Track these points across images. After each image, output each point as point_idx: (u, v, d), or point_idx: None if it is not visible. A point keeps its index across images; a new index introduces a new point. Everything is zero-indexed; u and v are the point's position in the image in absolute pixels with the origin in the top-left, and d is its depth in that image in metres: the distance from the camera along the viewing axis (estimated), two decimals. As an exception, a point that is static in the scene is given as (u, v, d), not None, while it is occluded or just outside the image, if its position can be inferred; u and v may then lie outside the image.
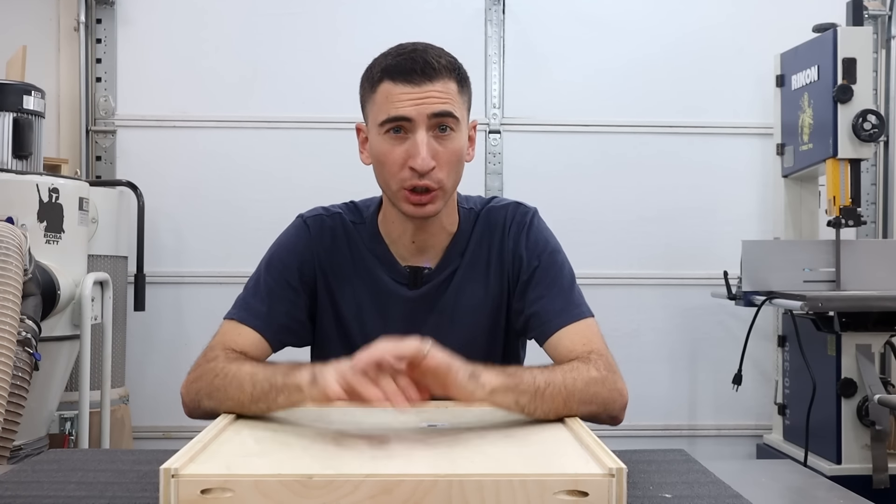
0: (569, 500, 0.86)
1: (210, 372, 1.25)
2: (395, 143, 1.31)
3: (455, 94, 1.33)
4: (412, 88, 1.29)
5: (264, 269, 1.42)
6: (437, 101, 1.30)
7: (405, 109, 1.29)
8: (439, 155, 1.31)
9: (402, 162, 1.30)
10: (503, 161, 3.16)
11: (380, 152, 1.33)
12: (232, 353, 1.30)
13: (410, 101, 1.29)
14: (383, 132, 1.32)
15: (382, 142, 1.32)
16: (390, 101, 1.30)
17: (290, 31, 3.15)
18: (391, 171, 1.32)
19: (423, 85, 1.29)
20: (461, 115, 1.34)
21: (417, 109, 1.29)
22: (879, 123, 2.62)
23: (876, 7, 3.26)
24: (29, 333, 2.03)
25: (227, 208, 3.12)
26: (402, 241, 1.42)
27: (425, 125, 1.29)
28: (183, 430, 2.13)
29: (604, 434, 1.03)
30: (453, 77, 1.33)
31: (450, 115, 1.31)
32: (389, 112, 1.30)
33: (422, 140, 1.29)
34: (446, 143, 1.32)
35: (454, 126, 1.32)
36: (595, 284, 2.99)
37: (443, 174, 1.32)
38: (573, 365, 1.23)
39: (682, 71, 3.22)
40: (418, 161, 1.28)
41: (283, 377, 1.16)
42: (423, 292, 1.42)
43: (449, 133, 1.32)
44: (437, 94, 1.30)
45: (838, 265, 2.77)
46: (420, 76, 1.29)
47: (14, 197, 2.27)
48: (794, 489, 1.24)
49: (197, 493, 0.85)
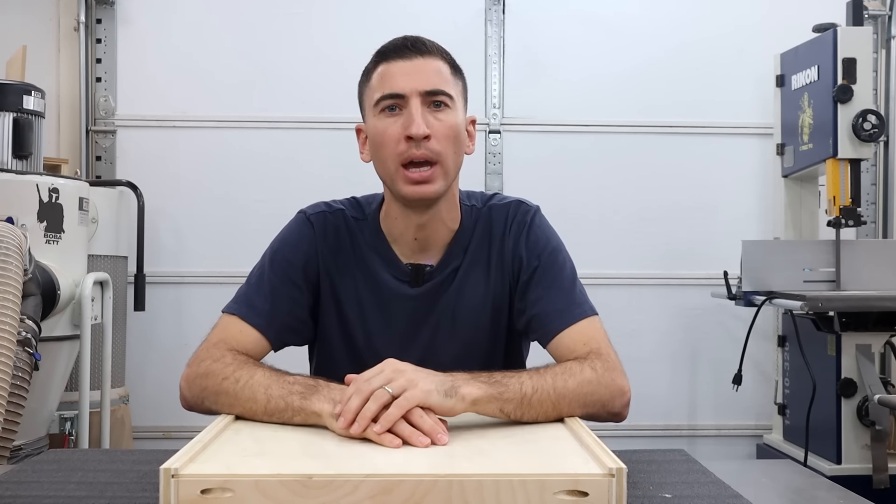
0: (569, 500, 0.86)
1: (218, 374, 1.23)
2: (390, 121, 1.33)
3: (448, 76, 1.36)
4: (404, 63, 1.33)
5: (268, 264, 1.42)
6: (429, 78, 1.33)
7: (398, 85, 1.32)
8: (434, 126, 1.32)
9: (397, 136, 1.32)
10: (503, 161, 3.16)
11: (377, 132, 1.34)
12: (239, 355, 1.29)
13: (403, 76, 1.32)
14: (378, 112, 1.34)
15: (378, 122, 1.34)
16: (384, 79, 1.33)
17: (290, 31, 3.15)
18: (389, 148, 1.33)
19: (413, 59, 1.33)
20: (455, 95, 1.36)
21: (410, 84, 1.32)
22: (879, 123, 2.62)
23: (876, 7, 3.26)
24: (29, 333, 2.03)
25: (227, 208, 3.12)
26: (404, 238, 1.42)
27: (419, 99, 1.32)
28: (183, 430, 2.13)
29: (604, 434, 1.03)
30: (445, 60, 1.37)
31: (443, 92, 1.33)
32: (384, 89, 1.33)
33: (416, 109, 1.31)
34: (441, 116, 1.33)
35: (448, 103, 1.34)
36: (595, 284, 2.97)
37: (440, 147, 1.32)
38: (567, 366, 1.23)
39: (682, 71, 3.22)
40: (412, 127, 1.30)
41: (301, 400, 1.15)
42: (425, 290, 1.42)
43: (444, 108, 1.34)
44: (429, 71, 1.33)
45: (838, 265, 2.77)
46: (411, 51, 1.33)
47: (14, 197, 2.27)
48: (794, 489, 1.23)
49: (197, 493, 0.85)
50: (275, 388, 1.18)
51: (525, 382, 1.16)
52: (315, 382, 1.17)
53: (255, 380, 1.20)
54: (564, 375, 1.20)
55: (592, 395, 1.20)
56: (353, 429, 1.05)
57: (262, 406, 1.17)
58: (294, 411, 1.14)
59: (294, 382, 1.18)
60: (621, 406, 1.25)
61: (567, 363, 1.24)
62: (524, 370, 1.22)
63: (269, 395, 1.17)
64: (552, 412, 1.16)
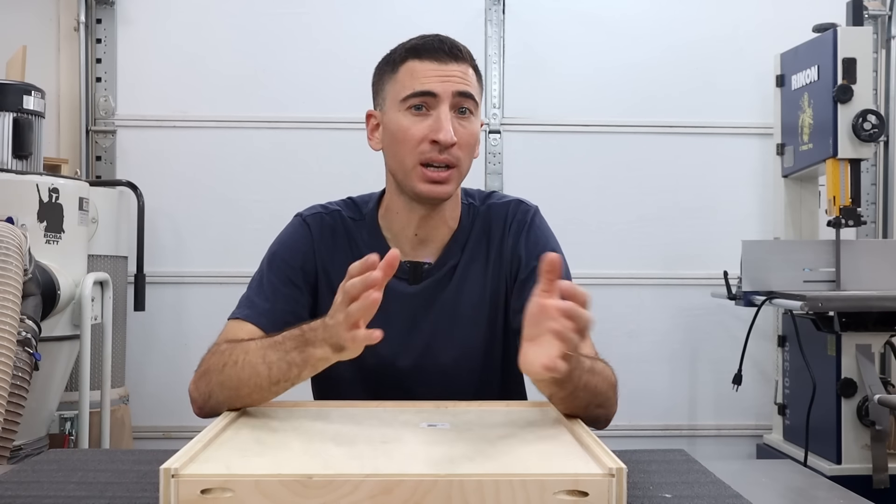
0: (569, 500, 0.86)
1: (217, 364, 1.24)
2: (416, 119, 1.34)
3: (474, 83, 1.38)
4: (438, 66, 1.33)
5: (266, 266, 1.42)
6: (461, 82, 1.34)
7: (431, 84, 1.32)
8: (459, 134, 1.33)
9: (422, 136, 1.33)
10: (503, 161, 3.16)
11: (399, 129, 1.35)
12: (233, 341, 1.28)
13: (437, 76, 1.33)
14: (405, 108, 1.34)
15: (402, 118, 1.34)
16: (415, 76, 1.33)
17: (290, 31, 3.15)
18: (410, 146, 1.33)
19: (448, 63, 1.34)
20: (479, 102, 1.38)
21: (443, 86, 1.32)
22: (879, 123, 2.62)
23: (876, 7, 3.26)
24: (29, 333, 2.03)
25: (227, 208, 3.12)
26: (404, 233, 1.42)
27: (449, 102, 1.33)
28: (183, 430, 2.13)
29: (604, 434, 1.03)
30: (473, 66, 1.38)
31: (471, 97, 1.35)
32: (415, 87, 1.33)
33: (445, 115, 1.32)
34: (466, 124, 1.35)
35: (473, 110, 1.36)
36: (595, 284, 3.00)
37: (461, 153, 1.34)
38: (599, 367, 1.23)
39: (682, 71, 3.21)
40: (441, 134, 1.31)
41: (299, 355, 1.15)
42: (423, 288, 1.42)
43: (468, 115, 1.36)
44: (460, 75, 1.34)
45: (838, 265, 2.77)
46: (447, 56, 1.34)
47: (14, 197, 2.27)
48: (794, 489, 1.23)
49: (197, 493, 0.85)
50: (271, 354, 1.18)
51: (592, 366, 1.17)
52: (300, 331, 1.16)
53: (250, 355, 1.20)
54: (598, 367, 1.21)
55: (605, 393, 1.22)
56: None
57: (265, 378, 1.17)
58: (299, 368, 1.15)
59: (284, 341, 1.17)
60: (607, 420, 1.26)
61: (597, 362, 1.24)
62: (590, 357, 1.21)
63: (268, 363, 1.17)
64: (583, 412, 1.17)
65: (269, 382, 1.17)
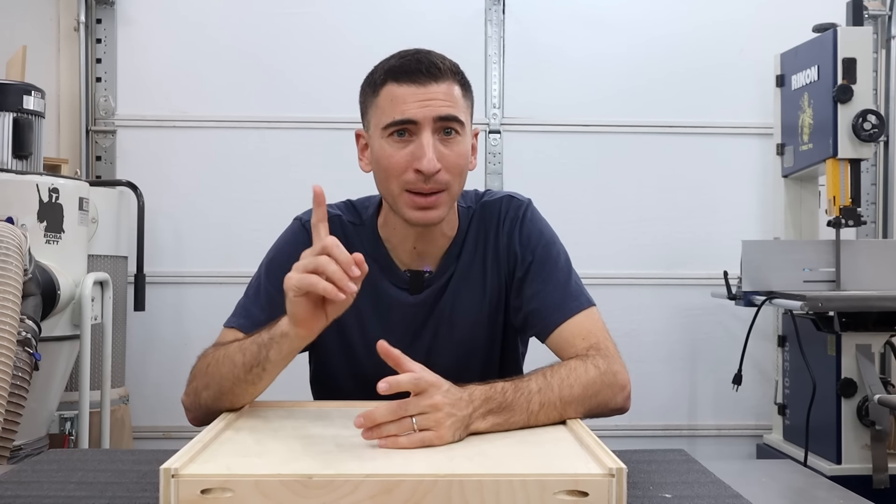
0: (569, 500, 0.87)
1: (202, 367, 1.25)
2: (398, 147, 1.29)
3: (459, 99, 1.31)
4: (417, 89, 1.27)
5: (264, 274, 1.40)
6: (443, 104, 1.28)
7: (410, 112, 1.26)
8: (445, 158, 1.28)
9: (405, 165, 1.28)
10: (503, 161, 3.16)
11: (382, 156, 1.30)
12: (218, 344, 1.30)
13: (416, 102, 1.27)
14: (387, 136, 1.29)
15: (385, 145, 1.30)
16: (394, 103, 1.28)
17: (290, 31, 3.15)
18: (394, 174, 1.29)
19: (428, 85, 1.27)
20: (465, 119, 1.32)
21: (423, 112, 1.26)
22: (879, 123, 2.62)
23: (876, 7, 3.26)
24: (29, 333, 2.02)
25: (227, 208, 3.12)
26: (402, 246, 1.41)
27: (431, 127, 1.27)
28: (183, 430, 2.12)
29: (604, 434, 1.03)
30: (457, 81, 1.32)
31: (455, 118, 1.29)
32: (394, 115, 1.27)
33: (427, 142, 1.27)
34: (451, 146, 1.30)
35: (459, 130, 1.30)
36: (595, 284, 2.96)
37: (448, 177, 1.29)
38: (571, 368, 1.21)
39: (683, 71, 3.21)
40: (424, 162, 1.26)
41: (267, 332, 1.17)
42: (424, 297, 1.41)
43: (454, 136, 1.30)
44: (442, 97, 1.28)
45: (838, 265, 2.77)
46: (425, 76, 1.27)
47: (14, 197, 2.27)
48: (794, 489, 1.24)
49: (197, 493, 0.85)
50: (246, 342, 1.20)
51: (533, 399, 1.14)
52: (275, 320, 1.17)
53: (230, 349, 1.22)
54: (570, 379, 1.18)
55: (596, 396, 1.21)
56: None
57: (240, 364, 1.18)
58: (266, 347, 1.16)
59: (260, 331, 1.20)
60: (623, 401, 1.25)
61: (570, 363, 1.23)
62: (533, 377, 1.18)
63: (242, 349, 1.19)
64: (557, 419, 1.16)
65: (243, 370, 1.18)
